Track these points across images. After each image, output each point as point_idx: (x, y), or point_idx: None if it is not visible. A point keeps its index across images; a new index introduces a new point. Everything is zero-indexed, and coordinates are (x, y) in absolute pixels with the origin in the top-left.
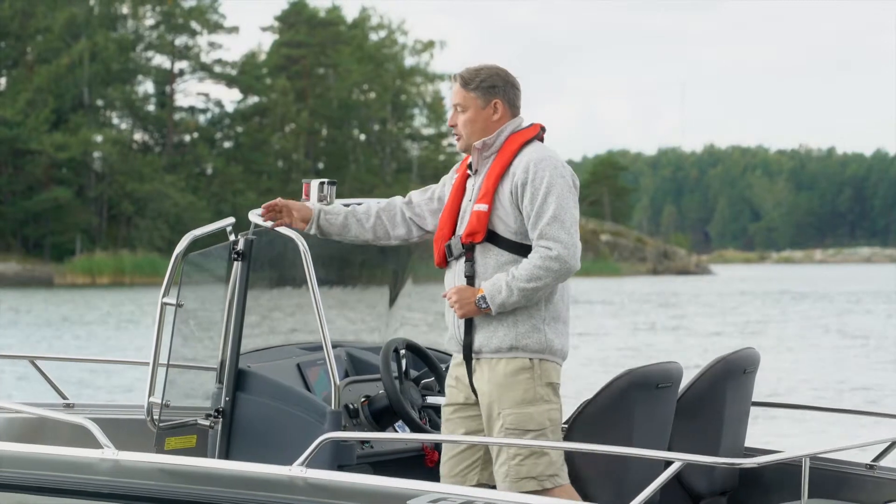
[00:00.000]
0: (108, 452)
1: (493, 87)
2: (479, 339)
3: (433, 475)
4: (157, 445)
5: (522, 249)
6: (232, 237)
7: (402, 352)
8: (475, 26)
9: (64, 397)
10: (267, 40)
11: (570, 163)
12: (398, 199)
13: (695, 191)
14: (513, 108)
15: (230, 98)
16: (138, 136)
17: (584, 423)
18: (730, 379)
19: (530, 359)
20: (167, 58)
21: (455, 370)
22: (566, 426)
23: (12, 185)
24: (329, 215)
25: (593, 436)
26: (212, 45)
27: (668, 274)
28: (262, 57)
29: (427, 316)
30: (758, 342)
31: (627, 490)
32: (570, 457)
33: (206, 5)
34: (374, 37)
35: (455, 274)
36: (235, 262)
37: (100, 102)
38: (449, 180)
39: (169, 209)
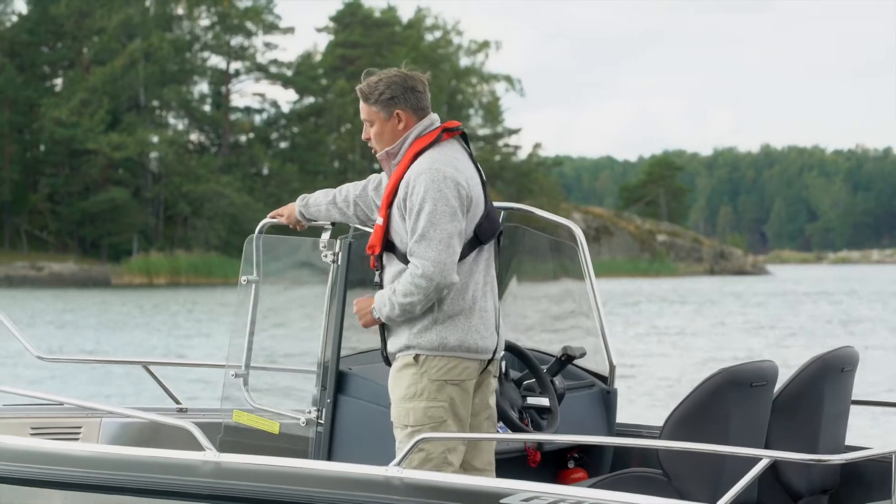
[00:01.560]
0: (210, 455)
1: (393, 99)
2: (389, 342)
3: (536, 475)
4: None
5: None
6: (325, 236)
7: (502, 353)
8: (529, 26)
9: (177, 401)
10: (322, 41)
11: (625, 163)
12: (370, 183)
13: (751, 191)
14: (418, 112)
15: (286, 98)
16: (194, 136)
17: (679, 420)
18: (827, 377)
19: (416, 355)
20: (223, 58)
21: None
22: (664, 423)
23: (69, 186)
24: (313, 207)
25: (688, 433)
26: (267, 45)
27: (724, 274)
28: (318, 57)
29: (531, 315)
30: (849, 342)
31: (724, 487)
32: (666, 454)
33: (261, 6)
34: (429, 37)
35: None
36: (333, 265)
37: (155, 103)
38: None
39: (225, 209)
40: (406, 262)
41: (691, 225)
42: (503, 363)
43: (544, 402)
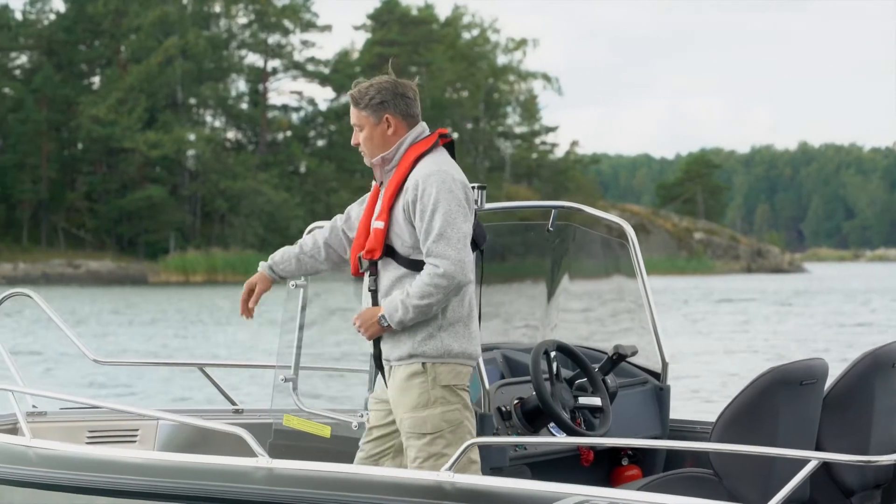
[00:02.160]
0: (262, 461)
1: (383, 104)
2: (385, 350)
3: (590, 473)
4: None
5: (417, 265)
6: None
7: (553, 353)
8: (567, 24)
9: (233, 403)
10: (360, 39)
11: (662, 161)
12: (338, 221)
13: (788, 189)
14: (407, 119)
15: (323, 96)
16: (231, 134)
17: (729, 420)
18: (878, 373)
19: (423, 363)
20: (260, 56)
21: (376, 389)
22: (714, 423)
23: (106, 184)
24: (281, 265)
25: (739, 433)
26: (304, 43)
27: (761, 272)
28: (355, 55)
29: (583, 313)
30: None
31: (774, 487)
32: (717, 454)
33: (298, 4)
34: (466, 35)
35: (365, 286)
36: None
37: (192, 101)
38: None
39: (262, 207)
40: (409, 266)
41: (728, 223)
42: (555, 363)
43: (596, 401)
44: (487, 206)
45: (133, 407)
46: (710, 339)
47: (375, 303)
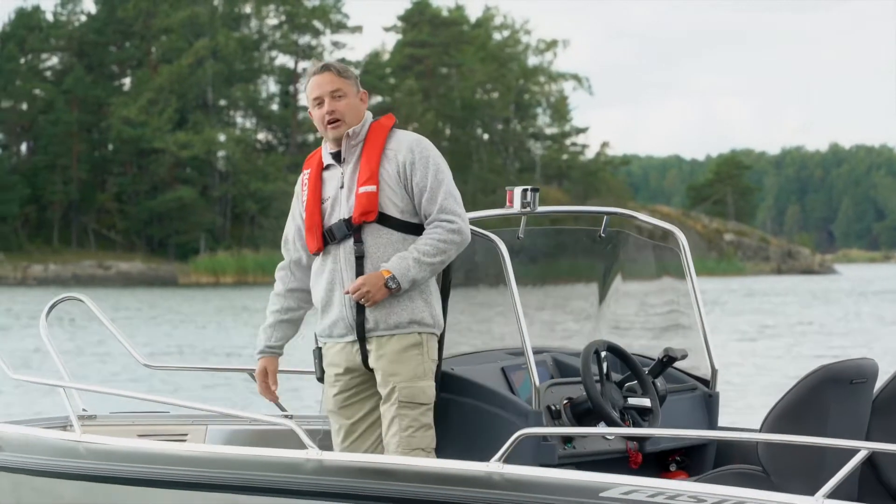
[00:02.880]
0: (313, 453)
1: (358, 79)
2: (375, 318)
3: (635, 476)
4: None
5: (409, 227)
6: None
7: (604, 353)
8: (598, 25)
9: (282, 409)
10: (390, 40)
11: (693, 162)
12: (290, 264)
13: (819, 190)
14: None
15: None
16: (262, 135)
17: (778, 417)
18: None
19: (419, 333)
20: (290, 57)
21: (337, 357)
22: (763, 420)
23: (137, 185)
24: (271, 340)
25: (787, 430)
26: (335, 44)
27: (791, 273)
28: (386, 57)
29: (634, 318)
30: None
31: (823, 484)
32: (765, 450)
33: (329, 5)
34: (497, 36)
35: (338, 257)
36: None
37: (223, 102)
38: (299, 191)
39: None
40: (402, 229)
41: (759, 224)
42: (605, 364)
43: (646, 402)
44: (540, 209)
45: (186, 402)
46: (750, 341)
47: (362, 269)
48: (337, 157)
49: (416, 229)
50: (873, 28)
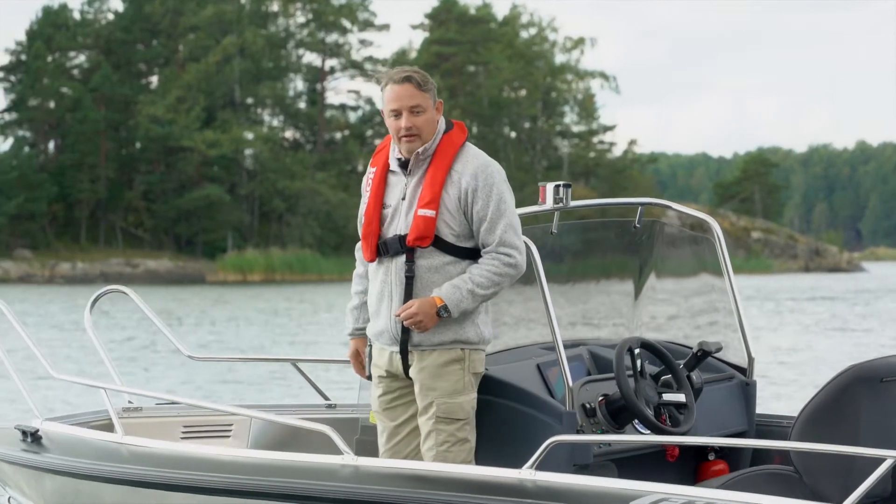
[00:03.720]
0: (348, 458)
1: (435, 89)
2: (420, 335)
3: (676, 468)
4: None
5: (461, 252)
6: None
7: (637, 350)
8: (625, 23)
9: (326, 398)
10: (417, 38)
11: (720, 160)
12: (360, 269)
13: (846, 188)
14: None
15: (381, 96)
16: (289, 133)
17: (809, 417)
18: None
19: (462, 349)
20: (318, 55)
21: (382, 360)
22: (795, 420)
23: (164, 183)
24: (358, 322)
25: (819, 431)
26: (362, 42)
27: (819, 271)
28: (413, 55)
29: (670, 310)
30: None
31: (855, 484)
32: (798, 453)
33: (356, 3)
34: (524, 34)
35: (390, 271)
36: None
37: (250, 100)
38: (366, 184)
39: (320, 207)
40: (454, 253)
41: (786, 222)
42: (639, 361)
43: (680, 397)
44: (573, 203)
45: (220, 409)
46: (783, 337)
47: (411, 289)
48: (404, 165)
49: (467, 253)
50: None
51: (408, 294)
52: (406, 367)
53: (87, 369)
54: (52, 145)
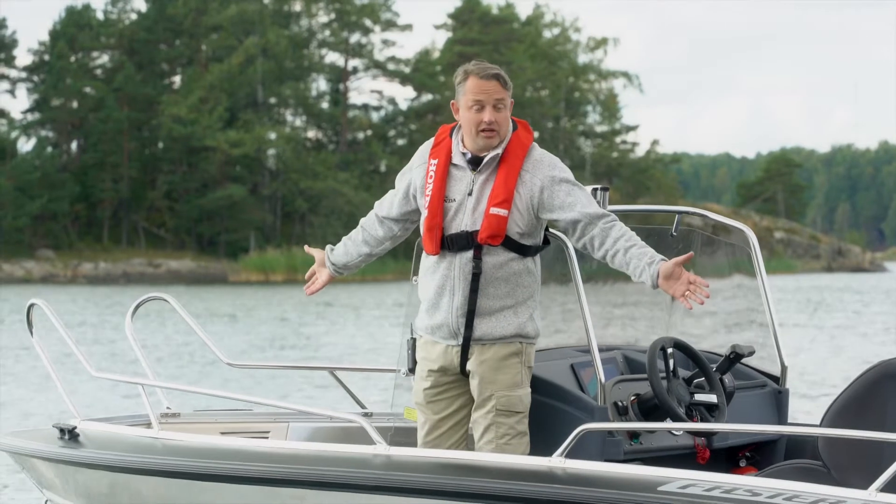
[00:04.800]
0: (381, 448)
1: (512, 90)
2: (482, 330)
3: (705, 471)
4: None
5: (524, 249)
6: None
7: (670, 350)
8: (648, 23)
9: (362, 406)
10: (440, 38)
11: (743, 160)
12: (396, 195)
13: (869, 188)
14: None
15: (404, 96)
16: (312, 133)
17: (837, 412)
18: None
19: (521, 342)
20: (340, 55)
21: (434, 354)
22: (823, 415)
23: (187, 183)
24: (336, 256)
25: (847, 425)
26: (385, 42)
27: (841, 272)
28: (436, 54)
29: (704, 316)
30: None
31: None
32: (825, 445)
33: (378, 3)
34: (547, 34)
35: (453, 265)
36: None
37: (273, 100)
38: (418, 168)
39: (342, 207)
40: (518, 250)
41: (809, 222)
42: (671, 361)
43: (712, 398)
44: (610, 207)
45: (259, 402)
46: (811, 339)
47: (476, 285)
48: (472, 161)
49: (529, 251)
50: None
51: (472, 290)
52: (464, 362)
53: (124, 369)
54: (74, 145)
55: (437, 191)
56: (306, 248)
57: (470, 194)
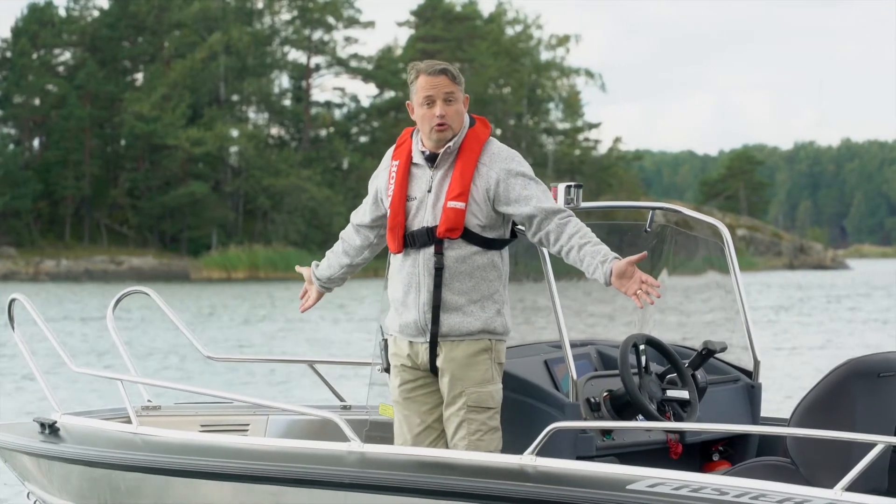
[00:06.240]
0: (354, 445)
1: (464, 84)
2: (449, 325)
3: (679, 466)
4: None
5: (486, 242)
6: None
7: (642, 347)
8: (611, 20)
9: (341, 399)
10: (403, 35)
11: (705, 157)
12: (366, 206)
13: (831, 185)
14: None
15: (366, 93)
16: (274, 130)
17: (806, 410)
18: None
19: (489, 339)
20: (303, 53)
21: (404, 350)
22: (792, 413)
23: (149, 181)
24: (323, 265)
25: (815, 423)
26: (348, 39)
27: (803, 269)
28: (399, 52)
29: (677, 311)
30: None
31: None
32: (794, 443)
33: (341, 0)
34: (509, 31)
35: (418, 262)
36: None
37: (235, 97)
38: (383, 171)
39: (305, 204)
40: (481, 244)
41: (771, 219)
42: (644, 357)
43: (684, 394)
44: (584, 204)
45: (240, 398)
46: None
47: (440, 280)
48: (429, 158)
49: (492, 243)
50: (886, 23)
51: (437, 285)
52: (433, 358)
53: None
54: (36, 142)
55: (398, 190)
56: (297, 267)
57: (429, 191)
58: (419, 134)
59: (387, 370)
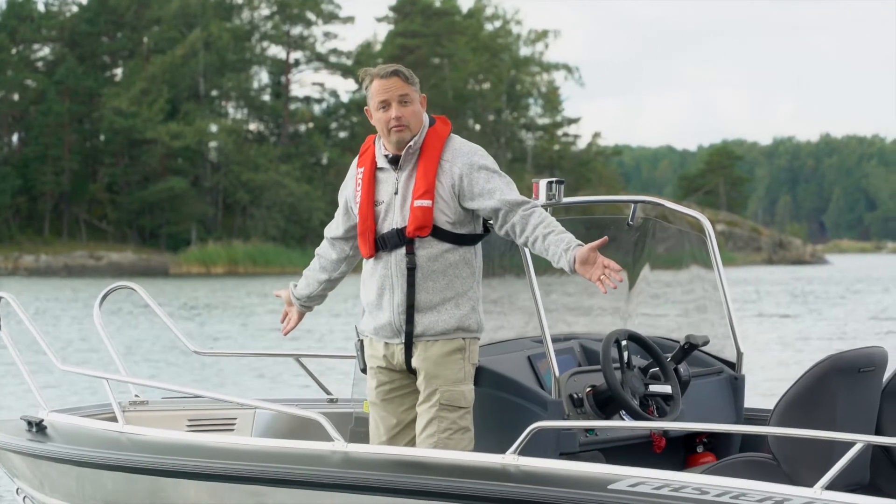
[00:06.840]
0: (338, 445)
1: (419, 84)
2: (424, 325)
3: (663, 460)
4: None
5: (457, 238)
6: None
7: (625, 342)
8: (590, 15)
9: (328, 392)
10: (382, 30)
11: (684, 152)
12: (338, 218)
13: (810, 181)
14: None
15: (345, 88)
16: (253, 126)
17: (787, 406)
18: None
19: (463, 338)
20: (282, 48)
21: (380, 351)
22: (773, 409)
23: (128, 176)
24: (299, 290)
25: (796, 419)
26: (327, 35)
27: (782, 264)
28: (378, 47)
29: (660, 304)
30: None
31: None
32: (775, 439)
33: None
34: (488, 27)
35: (390, 264)
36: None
37: (214, 92)
38: (350, 180)
39: (284, 199)
40: (453, 240)
41: (750, 215)
42: (626, 352)
43: (666, 389)
44: (566, 199)
45: (228, 395)
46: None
47: (413, 279)
48: (393, 161)
49: (464, 239)
50: (865, 18)
51: (410, 285)
52: (408, 359)
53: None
54: (15, 138)
55: (365, 195)
56: (274, 292)
57: (396, 193)
58: (381, 139)
59: (364, 371)
